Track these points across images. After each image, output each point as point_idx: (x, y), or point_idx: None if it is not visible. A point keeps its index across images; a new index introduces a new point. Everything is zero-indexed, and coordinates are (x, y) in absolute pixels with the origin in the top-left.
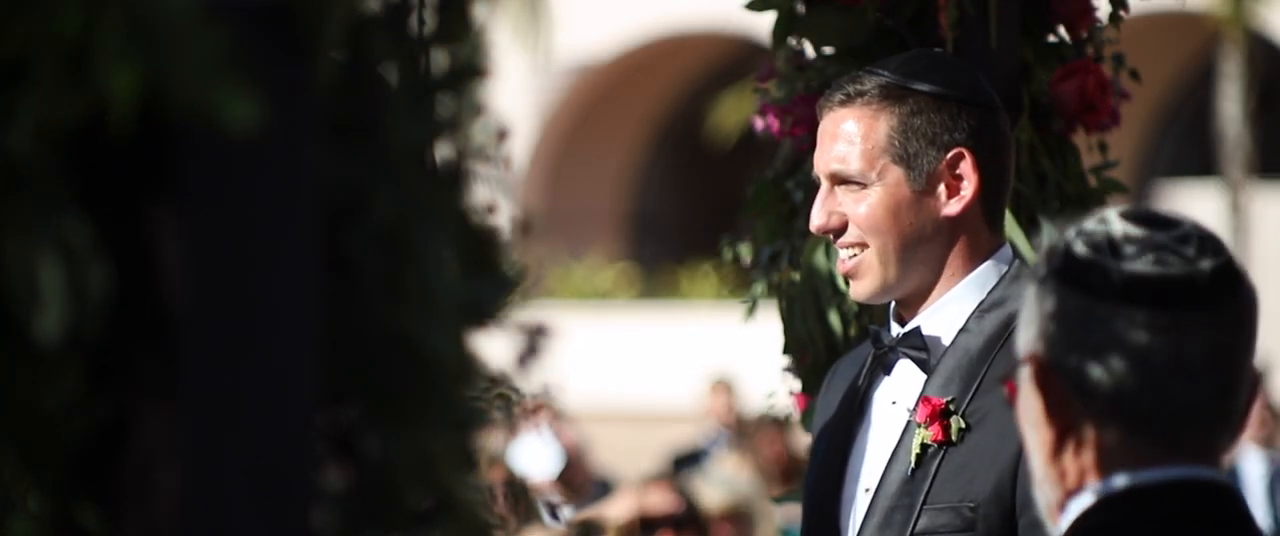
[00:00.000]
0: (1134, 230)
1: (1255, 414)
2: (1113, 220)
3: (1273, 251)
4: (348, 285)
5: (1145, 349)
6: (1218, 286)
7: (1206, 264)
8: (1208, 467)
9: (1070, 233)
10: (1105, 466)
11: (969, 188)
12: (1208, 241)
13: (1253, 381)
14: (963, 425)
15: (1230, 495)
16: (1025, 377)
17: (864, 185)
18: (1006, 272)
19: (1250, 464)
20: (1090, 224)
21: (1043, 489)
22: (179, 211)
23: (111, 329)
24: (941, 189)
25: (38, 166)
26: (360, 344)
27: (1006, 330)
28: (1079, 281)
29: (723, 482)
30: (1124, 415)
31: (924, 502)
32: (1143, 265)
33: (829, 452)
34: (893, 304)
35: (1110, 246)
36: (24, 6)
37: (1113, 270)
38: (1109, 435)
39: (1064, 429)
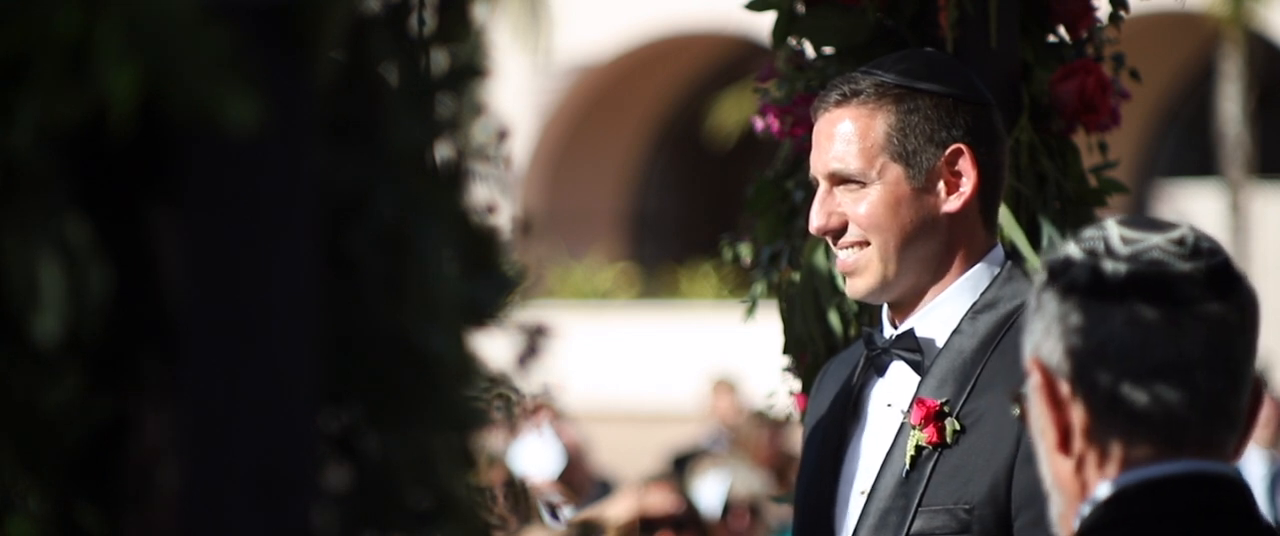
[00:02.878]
0: (1130, 233)
1: (1262, 414)
2: (1109, 226)
3: (1273, 251)
4: (348, 285)
5: (1144, 345)
6: (1214, 283)
7: (1202, 262)
8: (1213, 462)
9: (1069, 242)
10: (1110, 466)
11: (968, 184)
12: (1203, 242)
13: (1255, 387)
14: (958, 427)
15: (1236, 487)
16: (1032, 386)
17: (864, 184)
18: (999, 274)
19: (1252, 464)
20: (1089, 231)
21: (1053, 496)
22: (179, 211)
23: (111, 329)
24: (941, 186)
25: (38, 166)
26: (360, 344)
27: (1000, 331)
28: (1076, 284)
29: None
30: (1126, 413)
31: (919, 504)
32: (1138, 264)
33: (821, 454)
34: (885, 305)
35: (1107, 249)
36: (24, 6)
37: (1109, 270)
38: (1113, 434)
39: (1067, 431)
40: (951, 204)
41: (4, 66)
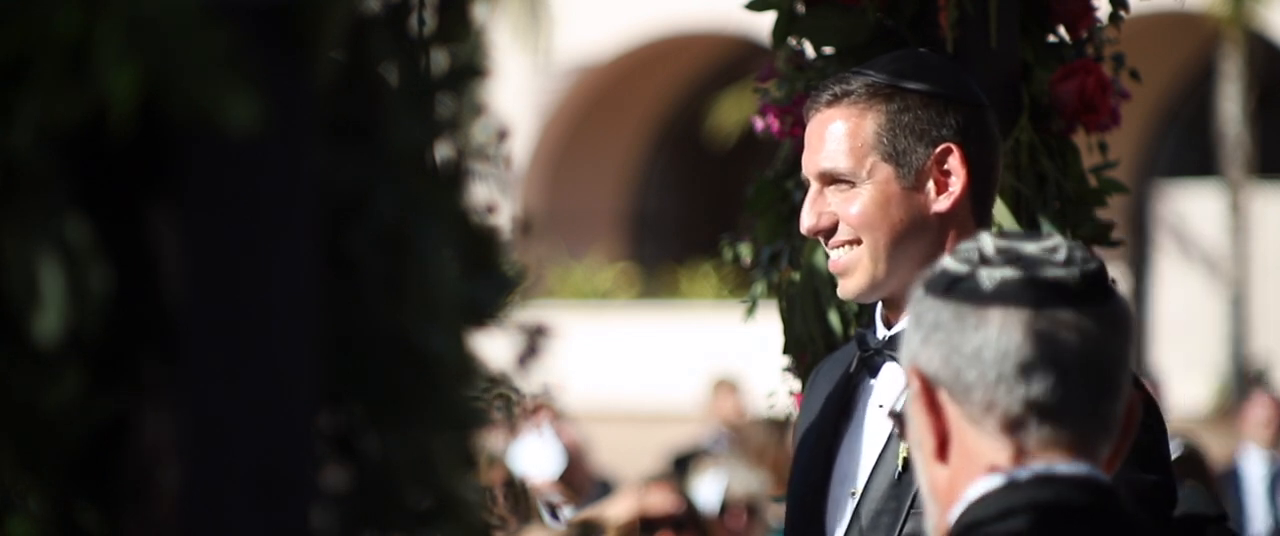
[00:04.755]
0: (1004, 243)
1: (1262, 413)
2: (984, 238)
3: (1273, 251)
4: (348, 285)
5: (1019, 349)
6: (1088, 289)
7: (1076, 269)
8: (1087, 465)
9: (945, 257)
10: (985, 467)
11: (957, 183)
12: (1078, 252)
13: (1130, 402)
14: None
15: (1106, 491)
16: (911, 395)
17: (854, 183)
18: None
19: (1252, 464)
20: (964, 246)
21: (928, 507)
22: (179, 211)
23: (111, 329)
24: (930, 185)
25: (38, 166)
26: (360, 344)
27: None
28: (952, 291)
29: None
30: (1001, 417)
31: (911, 507)
32: (1013, 270)
33: (813, 455)
34: (879, 306)
35: (981, 258)
36: (24, 6)
37: (983, 277)
38: (987, 437)
39: (945, 439)
40: (941, 203)
41: (4, 66)
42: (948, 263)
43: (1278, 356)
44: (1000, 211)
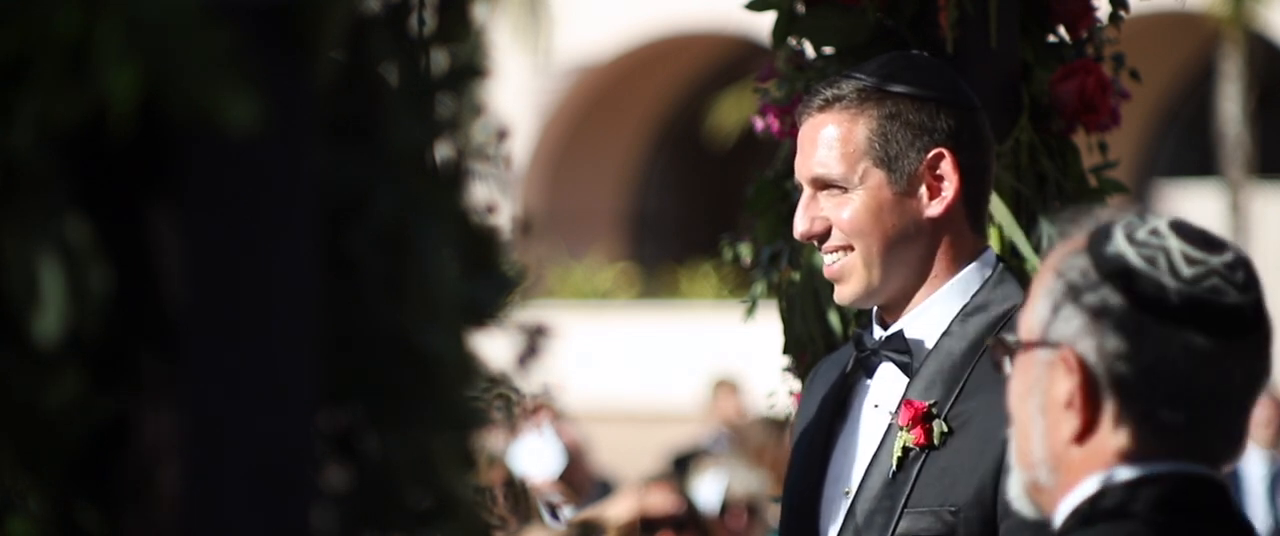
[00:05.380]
0: (1193, 252)
1: (1262, 413)
2: (1167, 235)
3: (1273, 251)
4: (348, 285)
5: (1193, 372)
6: (1258, 318)
7: (1251, 296)
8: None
9: (1118, 236)
10: (1123, 460)
11: (950, 188)
12: (1249, 270)
13: None
14: (945, 429)
15: (1228, 494)
16: (1044, 360)
17: (846, 189)
18: (990, 276)
19: (1252, 464)
20: (1141, 233)
21: (1038, 470)
22: (179, 211)
23: (111, 329)
24: (923, 190)
25: (38, 166)
26: (360, 344)
27: (990, 334)
28: (1134, 292)
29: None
30: (1158, 426)
31: (904, 506)
32: (1202, 291)
33: (809, 454)
34: (875, 307)
35: (1171, 267)
36: (24, 6)
37: (1172, 289)
38: (1137, 436)
39: (1091, 427)
40: (934, 208)
41: (4, 66)
42: (1125, 250)
43: (1277, 356)
44: (1000, 211)
